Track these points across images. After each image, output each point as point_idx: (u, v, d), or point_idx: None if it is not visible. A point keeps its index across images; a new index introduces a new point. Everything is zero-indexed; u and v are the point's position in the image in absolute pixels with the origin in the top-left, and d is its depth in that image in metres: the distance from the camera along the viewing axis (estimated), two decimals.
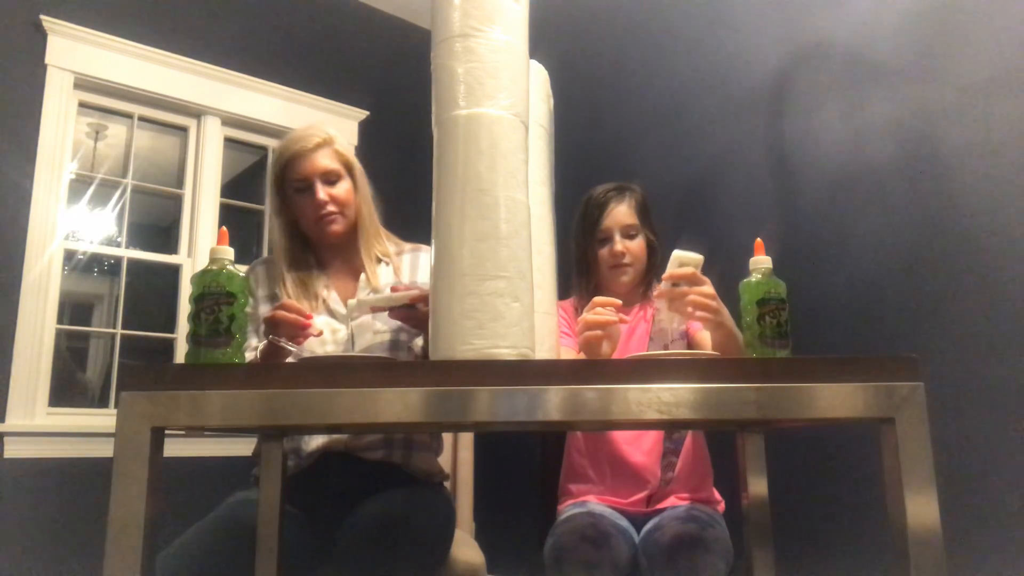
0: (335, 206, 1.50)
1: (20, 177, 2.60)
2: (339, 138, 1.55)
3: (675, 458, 1.54)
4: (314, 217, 1.49)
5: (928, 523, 0.79)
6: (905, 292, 1.93)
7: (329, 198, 1.49)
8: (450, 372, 0.83)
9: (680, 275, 1.23)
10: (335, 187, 1.51)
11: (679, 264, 1.24)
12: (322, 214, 1.49)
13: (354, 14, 3.66)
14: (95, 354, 3.08)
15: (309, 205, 1.49)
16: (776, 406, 0.82)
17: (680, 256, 1.25)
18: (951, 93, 1.90)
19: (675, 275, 1.24)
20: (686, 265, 1.24)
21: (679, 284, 1.23)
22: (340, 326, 1.48)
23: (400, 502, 1.32)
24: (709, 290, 1.24)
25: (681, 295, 1.22)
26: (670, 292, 1.23)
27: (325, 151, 1.51)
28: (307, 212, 1.50)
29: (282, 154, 1.51)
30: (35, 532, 2.45)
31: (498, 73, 0.98)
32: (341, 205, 1.51)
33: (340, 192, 1.51)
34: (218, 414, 0.81)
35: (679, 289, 1.23)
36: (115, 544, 0.77)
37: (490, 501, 2.17)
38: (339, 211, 1.51)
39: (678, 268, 1.24)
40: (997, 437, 1.71)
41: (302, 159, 1.49)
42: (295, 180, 1.50)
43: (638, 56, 2.84)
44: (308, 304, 1.47)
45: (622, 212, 1.63)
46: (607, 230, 1.63)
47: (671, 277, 1.24)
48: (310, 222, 1.51)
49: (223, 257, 0.95)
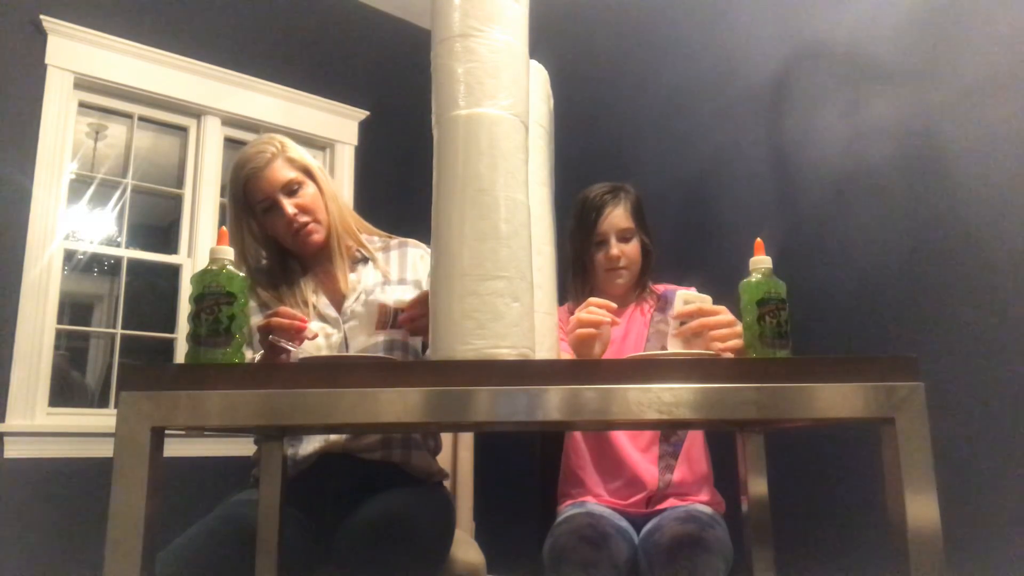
0: (306, 216, 1.47)
1: (20, 177, 2.60)
2: (290, 144, 1.51)
3: (673, 460, 1.54)
4: (289, 232, 1.47)
5: (928, 523, 0.79)
6: (905, 292, 1.93)
7: (298, 209, 1.46)
8: (450, 372, 0.83)
9: (689, 311, 1.14)
10: (299, 196, 1.47)
11: (685, 303, 1.16)
12: (296, 228, 1.46)
13: (354, 14, 3.66)
14: (95, 354, 3.08)
15: (280, 222, 1.46)
16: (776, 406, 0.82)
17: (685, 295, 1.17)
18: (951, 93, 1.89)
19: (684, 312, 1.14)
20: (692, 303, 1.16)
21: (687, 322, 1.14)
22: (333, 330, 1.48)
23: (400, 502, 1.32)
24: (727, 316, 1.15)
25: (698, 329, 1.13)
26: (683, 331, 1.14)
27: (278, 163, 1.46)
28: (280, 229, 1.47)
29: (237, 176, 1.47)
30: (35, 532, 2.45)
31: (498, 73, 0.98)
32: (311, 212, 1.48)
33: (306, 200, 1.47)
34: (218, 414, 0.81)
35: (692, 324, 1.13)
36: (115, 544, 0.77)
37: (490, 501, 2.17)
38: (311, 219, 1.48)
39: (684, 306, 1.15)
40: (997, 437, 1.71)
41: (258, 178, 1.45)
42: (258, 201, 1.46)
43: (638, 56, 2.84)
44: (300, 312, 1.46)
45: (618, 216, 1.62)
46: (603, 234, 1.62)
47: (681, 315, 1.15)
48: (287, 238, 1.49)
49: (223, 257, 0.95)
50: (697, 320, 1.15)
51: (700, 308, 1.15)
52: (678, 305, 1.17)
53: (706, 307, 1.17)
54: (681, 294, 1.19)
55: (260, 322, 1.26)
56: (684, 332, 1.15)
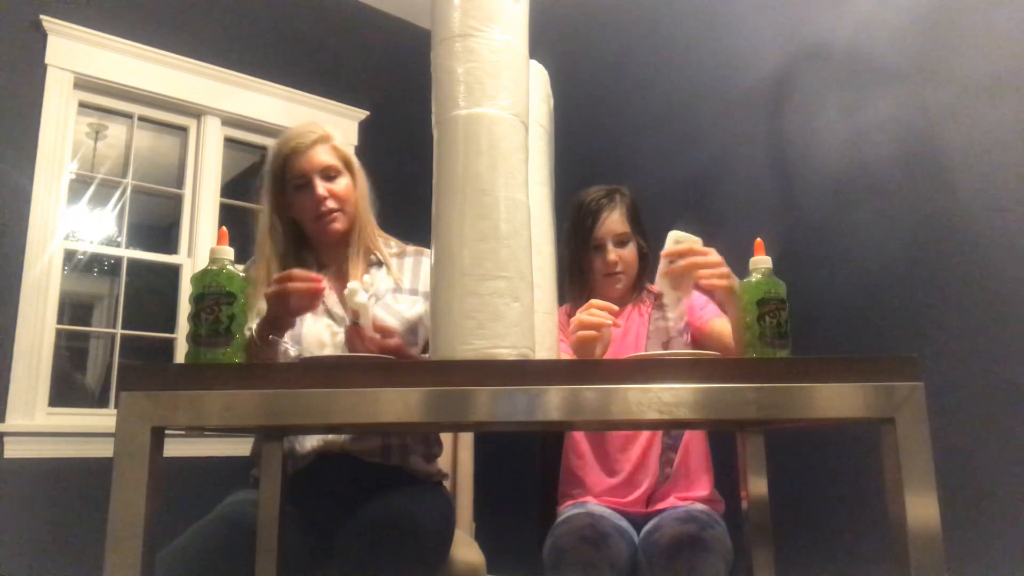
0: (335, 202, 1.49)
1: (20, 177, 2.60)
2: (336, 134, 1.55)
3: (673, 454, 1.54)
4: (314, 214, 1.49)
5: (928, 523, 0.79)
6: (905, 292, 1.93)
7: (328, 194, 1.48)
8: (450, 372, 0.83)
9: (678, 251, 1.17)
10: (334, 183, 1.50)
11: (675, 242, 1.18)
12: (322, 211, 1.48)
13: (354, 14, 3.66)
14: (95, 354, 3.08)
15: (309, 202, 1.48)
16: (776, 406, 0.82)
17: (676, 235, 1.19)
18: (951, 93, 1.90)
19: (673, 251, 1.17)
20: (682, 243, 1.18)
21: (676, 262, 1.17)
22: (339, 329, 1.48)
23: (400, 502, 1.32)
24: (716, 257, 1.18)
25: (685, 269, 1.16)
26: (672, 269, 1.17)
27: (323, 147, 1.50)
28: (307, 209, 1.49)
29: (280, 151, 1.51)
30: (35, 532, 2.45)
31: (498, 73, 0.98)
32: (340, 201, 1.50)
33: (339, 188, 1.50)
34: (218, 414, 0.81)
35: (681, 263, 1.17)
36: (115, 544, 0.77)
37: (490, 501, 2.16)
38: (339, 208, 1.50)
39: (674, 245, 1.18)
40: (997, 437, 1.71)
41: (300, 155, 1.48)
42: (294, 177, 1.49)
43: (638, 56, 2.84)
44: None
45: (614, 220, 1.61)
46: (599, 239, 1.62)
47: (669, 254, 1.18)
48: (310, 219, 1.50)
49: (223, 257, 0.95)
50: (687, 259, 1.17)
51: (690, 248, 1.17)
52: (669, 244, 1.19)
53: (696, 247, 1.18)
54: (672, 234, 1.20)
55: (272, 290, 1.22)
56: (673, 271, 1.17)
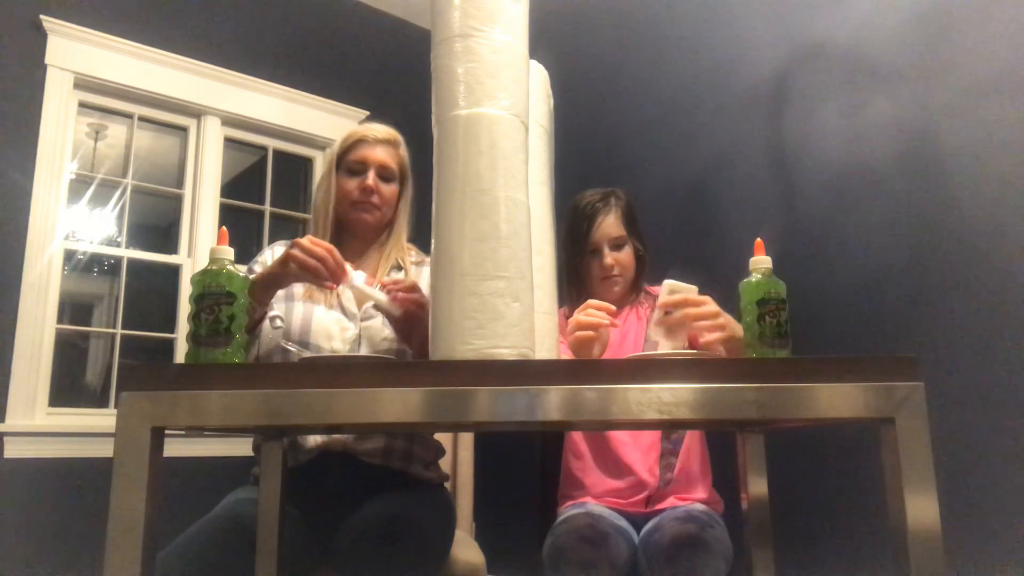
0: (378, 199, 1.53)
1: (20, 177, 2.60)
2: (404, 146, 1.61)
3: (674, 458, 1.54)
4: (355, 199, 1.52)
5: (928, 523, 0.79)
6: (905, 292, 1.93)
7: (376, 188, 1.52)
8: (450, 372, 0.83)
9: (673, 301, 1.15)
10: (386, 183, 1.55)
11: (670, 292, 1.17)
12: (362, 198, 1.52)
13: (354, 14, 3.66)
14: (95, 354, 3.08)
15: (356, 185, 1.53)
16: (776, 406, 0.82)
17: (671, 284, 1.18)
18: (951, 93, 1.90)
19: (669, 302, 1.15)
20: (677, 293, 1.17)
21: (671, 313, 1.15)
22: (350, 324, 1.47)
23: (400, 502, 1.32)
24: (712, 307, 1.17)
25: (680, 320, 1.15)
26: (666, 320, 1.16)
27: (389, 148, 1.57)
28: (350, 191, 1.53)
29: (348, 137, 1.57)
30: (35, 532, 2.45)
31: (498, 73, 0.98)
32: (383, 199, 1.54)
33: (387, 189, 1.55)
34: (218, 414, 0.81)
35: (677, 315, 1.15)
36: (115, 544, 0.77)
37: (490, 501, 2.17)
38: (379, 204, 1.54)
39: (669, 296, 1.16)
40: (997, 437, 1.71)
41: (365, 145, 1.55)
42: (352, 161, 1.54)
43: (638, 56, 2.84)
44: (323, 296, 1.47)
45: (610, 224, 1.62)
46: (595, 243, 1.62)
47: (665, 305, 1.16)
48: (347, 202, 1.53)
49: (223, 257, 0.95)
50: (681, 311, 1.16)
51: (685, 299, 1.16)
52: (663, 294, 1.18)
53: (691, 298, 1.17)
54: (667, 283, 1.20)
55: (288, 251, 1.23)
56: (667, 322, 1.16)
